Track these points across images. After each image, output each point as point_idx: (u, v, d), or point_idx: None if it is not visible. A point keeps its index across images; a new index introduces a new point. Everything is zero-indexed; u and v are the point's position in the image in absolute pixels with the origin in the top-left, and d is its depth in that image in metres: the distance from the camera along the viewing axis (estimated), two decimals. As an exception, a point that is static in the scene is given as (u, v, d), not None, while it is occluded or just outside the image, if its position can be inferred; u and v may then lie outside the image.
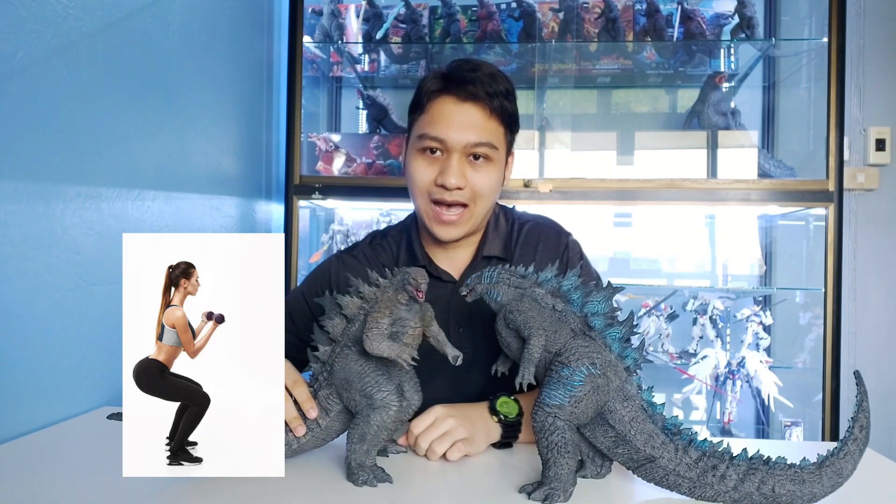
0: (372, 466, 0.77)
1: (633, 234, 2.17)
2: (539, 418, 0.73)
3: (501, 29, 2.06)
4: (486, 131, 0.99)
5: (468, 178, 0.99)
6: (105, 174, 1.17)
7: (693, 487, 0.72)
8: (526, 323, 0.76)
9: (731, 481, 0.70)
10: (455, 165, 0.98)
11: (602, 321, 0.75)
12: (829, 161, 1.79)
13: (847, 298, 1.94)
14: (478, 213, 1.03)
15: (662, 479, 0.73)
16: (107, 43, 1.16)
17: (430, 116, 1.00)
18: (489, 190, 1.02)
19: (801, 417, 1.96)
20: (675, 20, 2.02)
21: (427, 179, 1.00)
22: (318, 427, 0.80)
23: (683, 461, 0.72)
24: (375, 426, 0.76)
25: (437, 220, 1.01)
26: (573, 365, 0.73)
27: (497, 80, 1.01)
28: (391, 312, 0.77)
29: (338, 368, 0.79)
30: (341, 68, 2.28)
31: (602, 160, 1.97)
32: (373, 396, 0.76)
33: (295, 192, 1.92)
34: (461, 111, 0.99)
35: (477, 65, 1.02)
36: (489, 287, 0.80)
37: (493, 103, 0.99)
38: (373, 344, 0.75)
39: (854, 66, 2.06)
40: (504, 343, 0.80)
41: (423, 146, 1.00)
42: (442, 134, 0.98)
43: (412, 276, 0.75)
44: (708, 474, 0.71)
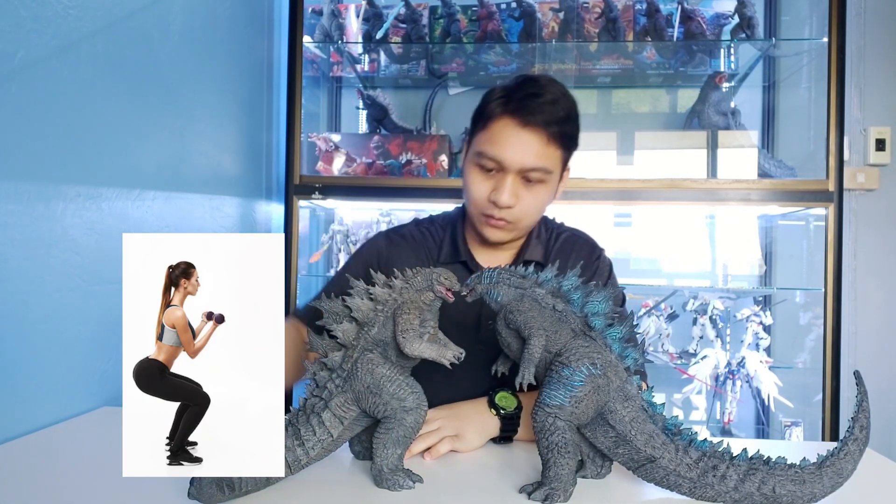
0: (405, 469, 0.76)
1: (633, 234, 2.17)
2: (539, 418, 0.73)
3: (501, 29, 2.06)
4: (542, 157, 1.01)
5: (520, 198, 1.02)
6: (105, 174, 1.17)
7: (693, 488, 0.72)
8: (526, 323, 0.76)
9: (731, 481, 0.70)
10: (509, 186, 1.01)
11: (602, 321, 0.75)
12: (829, 161, 1.79)
13: (847, 298, 1.94)
14: (523, 227, 1.08)
15: (663, 479, 0.73)
16: (107, 43, 1.16)
17: (489, 135, 1.02)
18: (538, 208, 1.06)
19: (801, 417, 1.96)
20: (676, 20, 2.02)
21: (482, 194, 1.04)
22: (329, 437, 0.76)
23: (684, 461, 0.72)
24: (411, 428, 0.75)
25: (488, 224, 1.05)
26: (573, 365, 0.73)
27: (559, 104, 1.01)
28: (421, 312, 0.77)
29: (362, 374, 0.76)
30: (341, 68, 2.28)
31: (602, 160, 1.97)
32: (405, 398, 0.75)
33: (295, 192, 1.92)
34: (519, 136, 1.00)
35: (542, 88, 1.01)
36: (489, 287, 0.80)
37: (552, 129, 1.00)
38: (413, 345, 0.74)
39: (854, 66, 2.06)
40: (504, 343, 0.80)
41: (481, 163, 1.03)
42: (499, 156, 1.00)
43: (443, 277, 0.76)
44: (708, 474, 0.71)
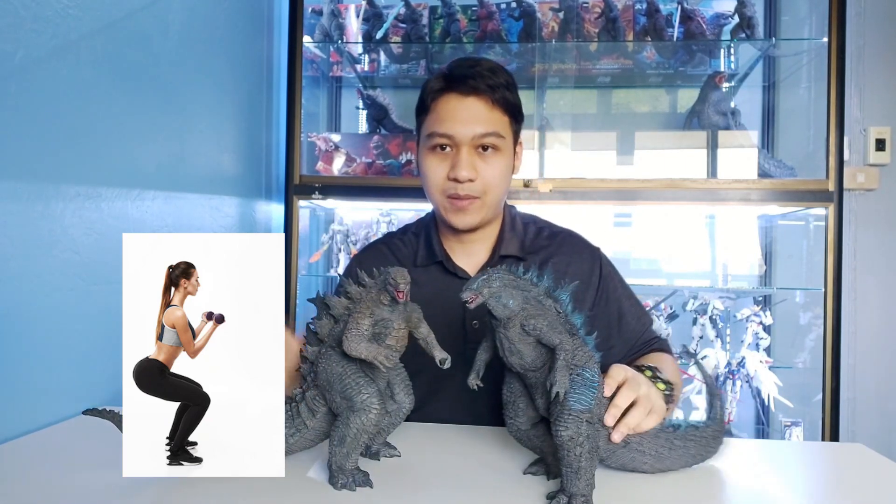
0: (352, 470, 0.75)
1: (633, 234, 2.17)
2: (572, 428, 0.69)
3: (501, 29, 2.06)
4: (490, 122, 1.02)
5: (479, 170, 1.03)
6: (105, 174, 1.17)
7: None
8: (551, 327, 0.72)
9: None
10: (465, 158, 1.02)
11: (580, 318, 0.75)
12: (829, 161, 1.79)
13: (847, 298, 1.94)
14: (490, 202, 1.06)
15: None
16: (107, 43, 1.16)
17: (436, 115, 1.04)
18: (500, 179, 1.06)
19: (801, 417, 1.96)
20: (675, 20, 2.02)
21: (440, 176, 1.04)
22: (305, 428, 0.80)
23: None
24: (355, 429, 0.74)
25: (453, 208, 1.05)
26: (589, 365, 0.72)
27: (497, 73, 1.04)
28: (372, 313, 0.75)
29: (321, 369, 0.78)
30: (341, 68, 2.28)
31: (602, 160, 1.97)
32: (352, 399, 0.74)
33: (295, 192, 1.92)
34: (465, 105, 1.02)
35: (476, 61, 1.06)
36: (499, 291, 0.73)
37: (496, 94, 1.03)
38: (350, 345, 0.73)
39: (854, 66, 2.06)
40: (512, 351, 0.74)
41: (433, 144, 1.04)
42: (449, 130, 1.02)
43: (392, 276, 0.74)
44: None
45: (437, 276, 1.11)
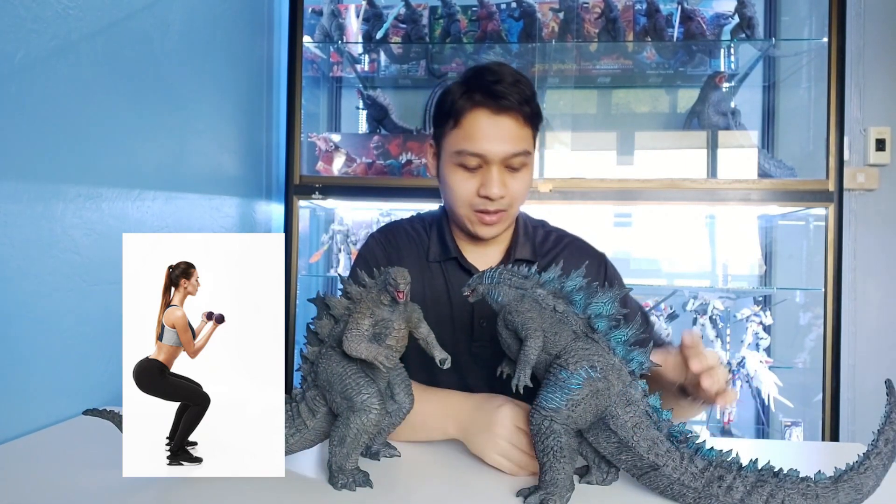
0: (352, 470, 0.75)
1: (633, 234, 2.17)
2: (536, 421, 0.72)
3: (501, 29, 2.06)
4: (520, 140, 1.02)
5: (508, 187, 1.02)
6: (105, 174, 1.17)
7: (698, 498, 0.69)
8: (524, 324, 0.75)
9: (737, 493, 0.67)
10: (496, 177, 1.01)
11: (606, 323, 0.74)
12: (829, 161, 1.78)
13: (847, 298, 1.94)
14: (513, 213, 1.08)
15: (667, 488, 0.71)
16: (107, 43, 1.16)
17: (465, 132, 1.01)
18: (524, 191, 1.07)
19: (801, 417, 1.96)
20: (675, 20, 2.02)
21: (469, 191, 1.03)
22: (305, 428, 0.79)
23: (689, 470, 0.69)
24: (355, 429, 0.74)
25: (480, 222, 1.05)
26: (571, 368, 0.71)
27: (522, 84, 1.02)
28: (373, 313, 0.76)
29: (321, 369, 0.78)
30: (341, 68, 2.28)
31: (602, 160, 1.97)
32: (352, 399, 0.75)
33: (295, 192, 1.92)
34: (496, 124, 1.00)
35: (499, 73, 1.01)
36: (490, 287, 0.79)
37: (525, 110, 1.01)
38: (350, 345, 0.74)
39: (854, 66, 2.06)
40: (504, 344, 0.79)
41: (462, 162, 1.02)
42: (481, 150, 1.00)
43: (392, 277, 0.74)
44: (714, 485, 0.68)
45: (451, 272, 1.11)
